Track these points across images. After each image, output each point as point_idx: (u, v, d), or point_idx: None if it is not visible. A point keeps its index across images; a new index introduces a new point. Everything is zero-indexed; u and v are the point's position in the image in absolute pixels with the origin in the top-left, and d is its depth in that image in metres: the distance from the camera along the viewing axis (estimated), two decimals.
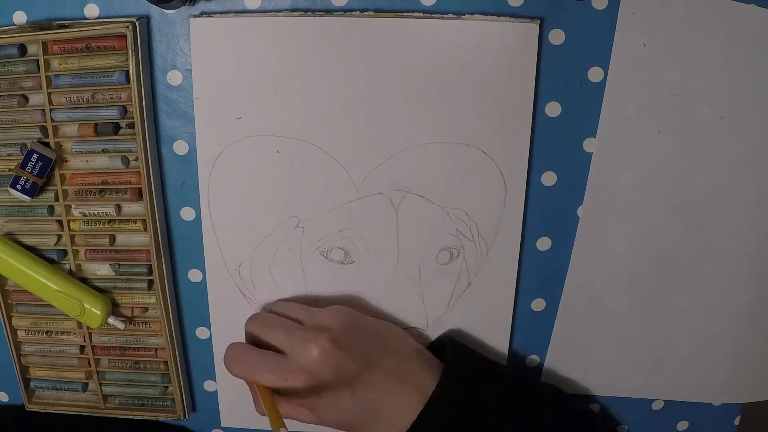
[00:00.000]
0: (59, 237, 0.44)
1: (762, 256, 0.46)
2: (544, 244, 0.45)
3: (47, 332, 0.47)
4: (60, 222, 0.44)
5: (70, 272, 0.45)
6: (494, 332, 0.47)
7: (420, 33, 0.40)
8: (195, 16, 0.40)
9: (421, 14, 0.39)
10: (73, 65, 0.40)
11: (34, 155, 0.41)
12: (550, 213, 0.44)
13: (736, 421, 0.52)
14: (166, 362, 0.46)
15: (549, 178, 0.44)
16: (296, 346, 0.39)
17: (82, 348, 0.47)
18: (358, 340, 0.40)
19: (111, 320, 0.44)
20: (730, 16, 0.40)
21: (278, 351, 0.40)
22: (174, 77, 0.41)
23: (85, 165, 0.42)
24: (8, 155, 0.42)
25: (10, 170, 0.42)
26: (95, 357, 0.47)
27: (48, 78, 0.40)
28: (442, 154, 0.42)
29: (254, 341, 0.41)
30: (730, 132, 0.42)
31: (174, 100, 0.42)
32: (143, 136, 0.41)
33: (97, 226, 0.43)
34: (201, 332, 0.47)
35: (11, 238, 0.44)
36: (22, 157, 0.41)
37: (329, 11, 0.40)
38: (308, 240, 0.44)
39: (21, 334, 0.47)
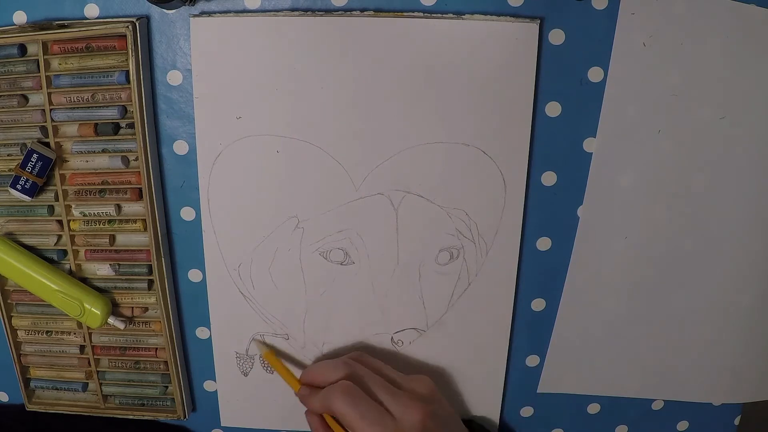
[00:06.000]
0: (59, 237, 0.44)
1: (762, 256, 0.46)
2: (544, 244, 0.45)
3: (47, 332, 0.47)
4: (60, 222, 0.44)
5: (70, 272, 0.45)
6: (494, 332, 0.47)
7: (420, 33, 0.39)
8: (195, 15, 0.40)
9: (421, 14, 0.39)
10: (73, 65, 0.40)
11: (34, 155, 0.41)
12: (550, 213, 0.44)
13: (736, 421, 0.52)
14: (166, 362, 0.46)
15: (549, 178, 0.44)
16: (400, 409, 0.39)
17: (82, 348, 0.47)
18: (445, 416, 0.42)
19: (111, 320, 0.44)
20: (730, 16, 0.40)
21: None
22: (174, 77, 0.41)
23: (85, 165, 0.42)
24: (8, 155, 0.42)
25: (10, 170, 0.42)
26: (95, 357, 0.47)
27: (48, 78, 0.40)
28: (442, 154, 0.42)
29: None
30: (730, 132, 0.42)
31: (174, 100, 0.42)
32: (143, 136, 0.41)
33: (97, 226, 0.43)
34: (201, 332, 0.47)
35: (11, 238, 0.44)
36: (22, 157, 0.41)
37: (329, 11, 0.40)
38: (308, 240, 0.44)
39: (21, 334, 0.47)
